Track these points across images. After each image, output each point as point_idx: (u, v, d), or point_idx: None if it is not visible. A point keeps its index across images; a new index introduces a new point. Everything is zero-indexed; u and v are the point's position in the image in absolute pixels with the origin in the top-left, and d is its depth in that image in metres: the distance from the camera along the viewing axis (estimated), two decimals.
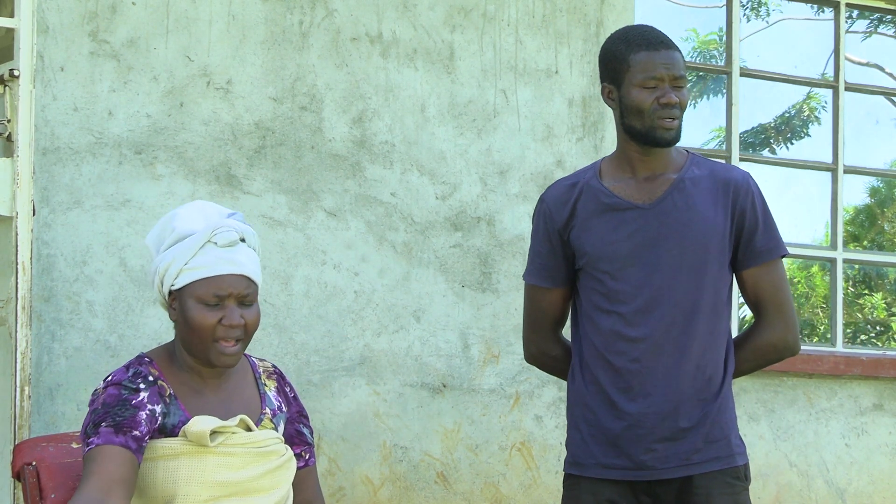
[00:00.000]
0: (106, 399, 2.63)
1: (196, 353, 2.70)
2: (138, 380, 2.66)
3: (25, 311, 3.61)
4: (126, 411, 2.60)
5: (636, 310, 3.00)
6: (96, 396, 2.66)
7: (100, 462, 2.54)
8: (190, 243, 2.68)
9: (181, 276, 2.67)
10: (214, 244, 2.68)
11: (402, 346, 4.42)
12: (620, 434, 2.99)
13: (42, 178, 3.89)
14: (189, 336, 2.69)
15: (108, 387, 2.65)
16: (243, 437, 2.69)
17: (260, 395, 2.81)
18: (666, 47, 3.00)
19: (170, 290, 2.70)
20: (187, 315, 2.67)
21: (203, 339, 2.67)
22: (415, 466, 4.42)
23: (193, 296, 2.66)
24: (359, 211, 4.38)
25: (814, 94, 8.98)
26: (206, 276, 2.66)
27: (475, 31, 4.60)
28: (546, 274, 3.14)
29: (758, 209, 3.05)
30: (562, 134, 4.72)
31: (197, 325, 2.66)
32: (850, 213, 9.80)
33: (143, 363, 2.70)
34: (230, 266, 2.68)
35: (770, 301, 3.06)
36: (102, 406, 2.62)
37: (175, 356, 2.75)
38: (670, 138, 3.01)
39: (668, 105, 2.98)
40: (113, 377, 2.68)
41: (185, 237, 2.70)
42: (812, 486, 5.11)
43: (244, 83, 4.23)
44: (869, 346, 10.20)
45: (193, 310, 2.66)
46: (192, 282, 2.67)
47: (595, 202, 3.06)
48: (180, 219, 2.73)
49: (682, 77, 3.00)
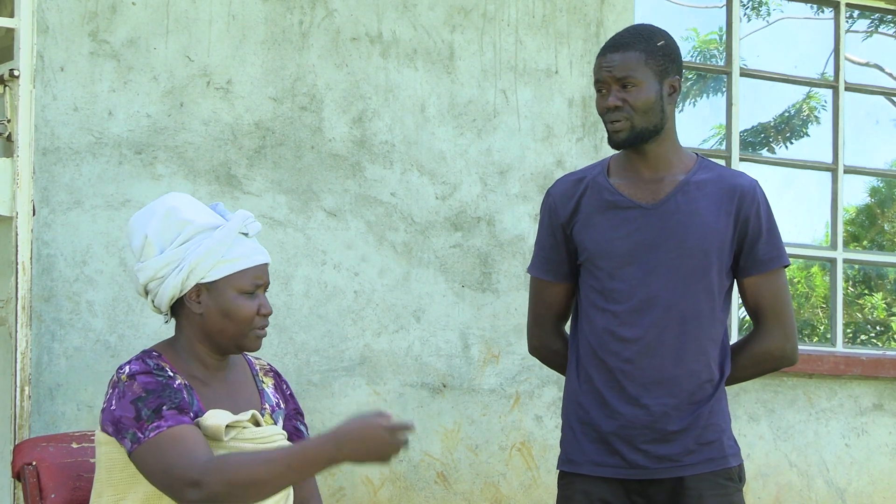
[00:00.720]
0: (147, 386, 2.57)
1: (228, 342, 2.69)
2: (162, 366, 2.63)
3: (25, 311, 3.61)
4: (175, 395, 2.57)
5: (630, 310, 2.99)
6: (124, 388, 2.58)
7: (187, 443, 2.50)
8: (223, 235, 2.65)
9: (217, 269, 2.65)
10: (245, 235, 2.69)
11: (402, 346, 4.42)
12: (612, 433, 2.99)
13: (42, 178, 3.89)
14: (225, 326, 2.67)
15: (137, 376, 2.59)
16: (253, 432, 2.68)
17: (259, 392, 2.81)
18: (614, 50, 2.98)
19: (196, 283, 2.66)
20: (227, 306, 2.65)
21: (242, 328, 2.67)
22: (415, 466, 4.42)
23: (233, 287, 2.65)
24: (359, 211, 4.38)
25: (814, 94, 8.97)
26: (246, 266, 2.66)
27: (475, 31, 4.60)
28: (549, 267, 3.15)
29: (762, 218, 3.04)
30: (562, 134, 4.72)
31: (240, 315, 2.66)
32: (850, 213, 9.79)
33: (152, 356, 2.67)
34: (262, 256, 2.70)
35: (769, 310, 3.06)
36: (148, 393, 2.56)
37: (178, 350, 2.72)
38: (617, 140, 3.00)
39: (608, 109, 2.98)
40: (131, 367, 2.61)
41: (206, 229, 2.66)
42: (812, 486, 5.11)
43: (244, 83, 4.23)
44: (869, 346, 10.20)
45: (235, 300, 2.65)
46: (233, 273, 2.65)
47: (599, 199, 3.06)
48: (188, 212, 2.68)
49: (629, 77, 2.96)
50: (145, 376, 2.59)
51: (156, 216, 2.68)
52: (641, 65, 2.97)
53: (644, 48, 2.98)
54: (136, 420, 2.54)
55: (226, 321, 2.67)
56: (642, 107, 2.97)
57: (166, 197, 2.73)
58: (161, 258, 2.65)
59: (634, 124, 2.97)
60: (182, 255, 2.65)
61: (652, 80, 2.98)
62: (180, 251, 2.65)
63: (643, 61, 2.97)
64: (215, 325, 2.68)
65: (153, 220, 2.68)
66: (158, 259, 2.65)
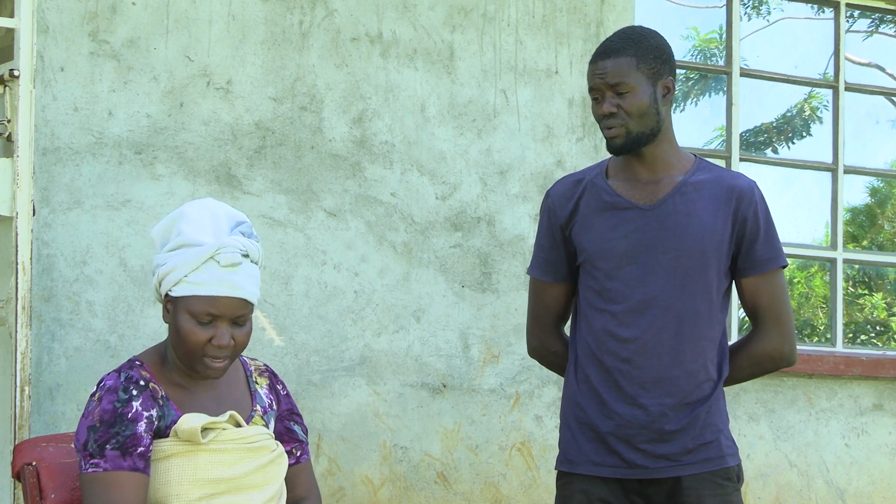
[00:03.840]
0: (102, 415, 2.61)
1: (183, 361, 2.72)
2: (130, 386, 2.65)
3: (25, 311, 3.62)
4: (126, 428, 2.60)
5: (628, 310, 3.00)
6: (91, 408, 2.64)
7: (112, 492, 2.57)
8: (193, 256, 2.66)
9: (179, 287, 2.67)
10: (217, 262, 2.67)
11: (402, 347, 4.42)
12: (610, 433, 3.00)
13: (42, 178, 3.89)
14: (178, 345, 2.70)
15: (103, 396, 2.64)
16: (233, 433, 2.69)
17: (251, 393, 2.82)
18: (605, 56, 2.98)
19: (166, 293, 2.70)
20: (179, 326, 2.68)
21: (190, 353, 2.69)
22: (415, 466, 4.42)
23: (187, 310, 2.66)
24: (359, 211, 4.38)
25: (815, 94, 8.98)
26: (204, 294, 2.65)
27: (475, 31, 4.60)
28: (548, 268, 3.15)
29: (760, 219, 3.04)
30: (562, 134, 4.72)
31: (186, 339, 2.67)
32: (850, 213, 9.79)
33: (133, 367, 2.70)
34: (229, 289, 2.67)
35: (767, 310, 3.06)
36: (101, 423, 2.61)
37: (166, 356, 2.76)
38: (615, 146, 3.01)
39: (603, 115, 2.99)
40: (105, 382, 2.67)
41: (188, 245, 2.68)
42: (812, 486, 5.11)
43: (244, 83, 4.23)
44: (869, 346, 10.19)
45: (186, 323, 2.67)
46: (188, 295, 2.66)
47: (597, 200, 3.07)
48: (188, 222, 2.70)
49: (622, 83, 2.96)
50: (108, 401, 2.63)
51: (169, 217, 2.75)
52: (633, 70, 2.97)
53: (634, 52, 2.97)
54: (84, 448, 2.61)
55: (177, 339, 2.70)
56: (637, 112, 2.97)
57: (194, 202, 2.78)
58: (156, 256, 2.74)
59: (630, 129, 2.98)
60: (163, 260, 2.70)
61: (645, 84, 2.98)
62: (163, 256, 2.71)
63: (634, 66, 2.96)
64: (172, 340, 2.72)
65: (164, 220, 2.76)
66: (155, 256, 2.75)
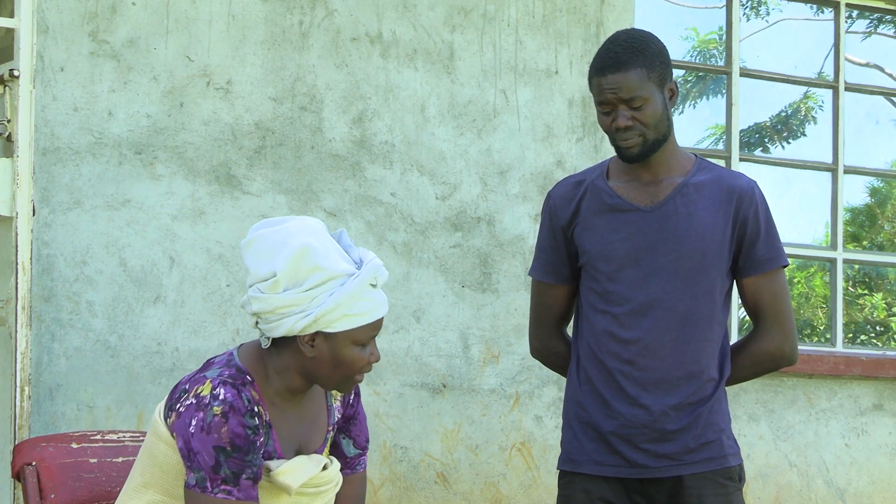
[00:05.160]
0: (234, 440, 2.47)
1: (328, 384, 2.61)
2: (255, 408, 2.53)
3: (25, 311, 3.61)
4: (257, 458, 2.50)
5: (630, 312, 3.00)
6: (212, 423, 2.48)
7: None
8: (353, 289, 2.52)
9: (342, 322, 2.53)
10: (372, 286, 2.57)
11: (402, 347, 4.42)
12: (612, 433, 3.00)
13: (42, 178, 3.89)
14: (333, 373, 2.59)
15: (228, 414, 2.48)
16: (318, 479, 2.63)
17: (327, 408, 2.74)
18: (613, 70, 2.94)
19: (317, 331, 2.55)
20: (341, 355, 2.56)
21: (349, 375, 2.60)
22: (415, 466, 4.42)
23: (352, 340, 2.55)
24: (359, 211, 4.38)
25: (810, 94, 8.98)
26: (370, 321, 2.56)
27: (475, 32, 4.60)
28: (550, 270, 3.15)
29: (760, 218, 3.04)
30: (562, 134, 4.72)
31: (353, 366, 2.57)
32: (850, 213, 9.80)
33: (246, 383, 2.55)
34: (385, 308, 2.60)
35: (768, 310, 3.06)
36: (234, 449, 2.47)
37: (270, 373, 2.61)
38: (631, 156, 2.99)
39: (619, 129, 2.97)
40: (228, 398, 2.50)
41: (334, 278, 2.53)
42: (812, 486, 5.11)
43: (244, 83, 4.22)
44: (869, 346, 10.20)
45: (350, 351, 2.56)
46: (355, 328, 2.55)
47: (598, 202, 3.07)
48: (321, 256, 2.53)
49: (637, 97, 2.93)
50: (237, 424, 2.48)
51: (288, 253, 2.51)
52: (645, 81, 2.94)
53: (643, 63, 2.95)
54: (214, 471, 2.47)
55: (335, 369, 2.58)
56: (653, 122, 2.96)
57: (300, 228, 2.55)
58: (285, 297, 2.51)
59: (647, 139, 2.97)
60: (309, 301, 2.51)
61: (657, 93, 2.96)
62: (307, 296, 2.50)
63: (646, 77, 2.94)
64: (322, 370, 2.58)
65: (284, 257, 2.51)
66: (282, 297, 2.51)
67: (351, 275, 2.53)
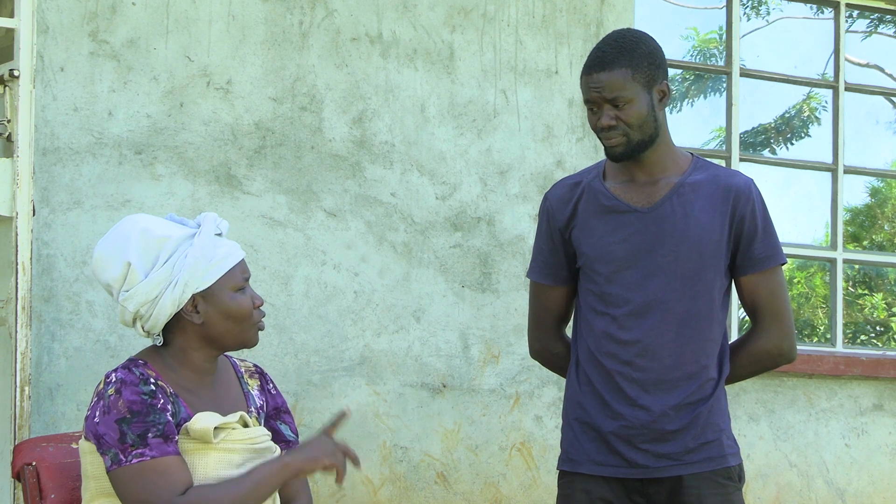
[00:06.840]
0: (131, 406, 2.56)
1: (232, 342, 2.71)
2: (149, 379, 2.63)
3: (25, 311, 3.62)
4: (160, 417, 2.58)
5: (629, 313, 3.00)
6: (110, 402, 2.58)
7: (171, 473, 2.54)
8: (203, 241, 2.65)
9: (209, 274, 2.65)
10: (220, 235, 2.71)
11: (402, 347, 4.42)
12: (612, 433, 3.00)
13: (42, 178, 3.89)
14: (229, 328, 2.69)
15: (121, 389, 2.58)
16: (241, 434, 2.69)
17: (244, 394, 2.81)
18: (599, 69, 2.95)
19: (192, 293, 2.65)
20: (227, 307, 2.67)
21: (245, 326, 2.71)
22: (415, 466, 4.42)
23: (228, 287, 2.67)
24: (359, 211, 4.38)
25: (814, 95, 8.97)
26: (233, 264, 2.68)
27: (475, 32, 4.60)
28: (548, 271, 3.15)
29: (758, 216, 3.04)
30: (562, 134, 4.72)
31: (241, 312, 2.69)
32: (850, 213, 9.79)
33: (137, 365, 2.66)
34: (240, 251, 2.73)
35: (767, 308, 3.06)
36: (133, 414, 2.56)
37: (167, 360, 2.71)
38: (616, 155, 3.00)
39: (602, 128, 2.98)
40: (117, 376, 2.61)
41: (184, 240, 2.66)
42: (812, 486, 5.11)
43: (244, 83, 4.23)
44: (869, 346, 10.19)
45: (233, 300, 2.68)
46: (223, 274, 2.67)
47: (595, 203, 3.07)
48: (160, 229, 2.67)
49: (620, 97, 2.94)
50: (131, 393, 2.58)
51: (132, 241, 2.63)
52: (629, 81, 2.94)
53: (629, 63, 2.95)
54: (121, 442, 2.55)
55: (228, 322, 2.68)
56: (636, 122, 2.96)
57: (128, 221, 2.69)
58: (149, 280, 2.62)
59: (631, 139, 2.98)
60: (170, 270, 2.63)
61: (642, 94, 2.96)
62: (167, 268, 2.63)
63: (630, 77, 2.94)
64: (218, 329, 2.69)
65: (131, 245, 2.63)
66: (146, 282, 2.62)
67: (194, 234, 2.66)
